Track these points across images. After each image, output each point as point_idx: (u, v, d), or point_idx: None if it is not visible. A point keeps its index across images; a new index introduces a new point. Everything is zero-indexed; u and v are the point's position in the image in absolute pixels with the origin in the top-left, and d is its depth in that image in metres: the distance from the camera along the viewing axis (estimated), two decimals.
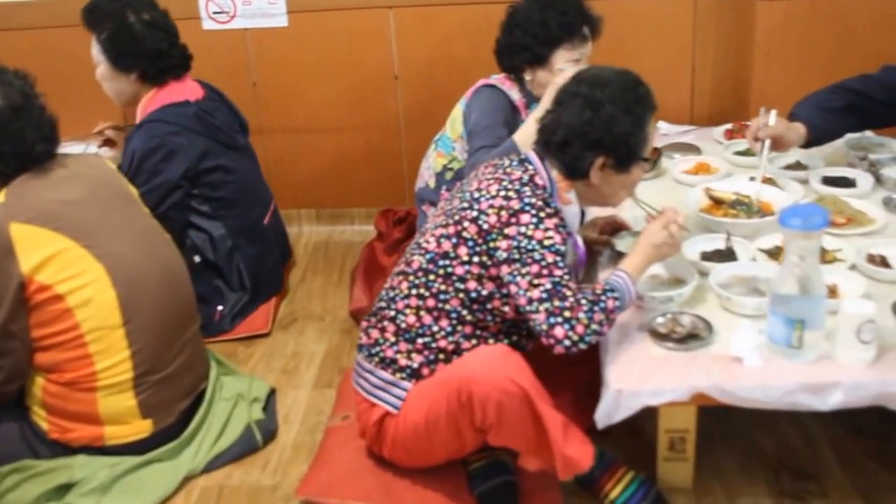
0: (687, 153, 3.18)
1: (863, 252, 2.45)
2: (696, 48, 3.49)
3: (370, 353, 2.33)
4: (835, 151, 3.07)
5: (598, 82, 2.23)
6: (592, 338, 2.09)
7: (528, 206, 2.16)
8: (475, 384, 2.10)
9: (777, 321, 2.08)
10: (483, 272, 2.21)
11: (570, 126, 2.21)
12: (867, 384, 2.04)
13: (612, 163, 2.24)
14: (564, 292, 2.10)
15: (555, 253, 2.13)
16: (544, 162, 2.28)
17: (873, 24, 3.32)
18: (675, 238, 2.27)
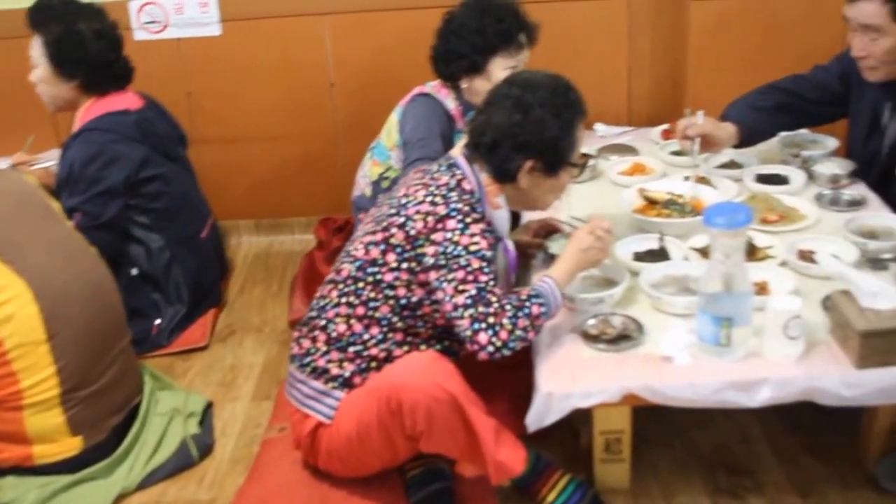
0: (624, 154, 3.19)
1: (794, 248, 2.47)
2: (631, 50, 3.50)
3: (302, 363, 2.30)
4: (769, 149, 3.10)
5: (528, 85, 2.23)
6: (517, 343, 2.09)
7: (454, 212, 2.15)
8: (404, 391, 2.09)
9: (705, 320, 2.08)
10: (412, 278, 2.19)
11: (500, 128, 2.21)
12: (795, 380, 2.05)
13: (540, 166, 2.24)
14: (489, 298, 2.10)
15: (480, 258, 2.12)
16: (473, 166, 2.27)
17: (805, 23, 3.35)
18: (602, 243, 2.28)
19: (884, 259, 2.41)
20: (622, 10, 3.44)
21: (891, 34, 2.58)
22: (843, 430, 2.47)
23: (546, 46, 3.36)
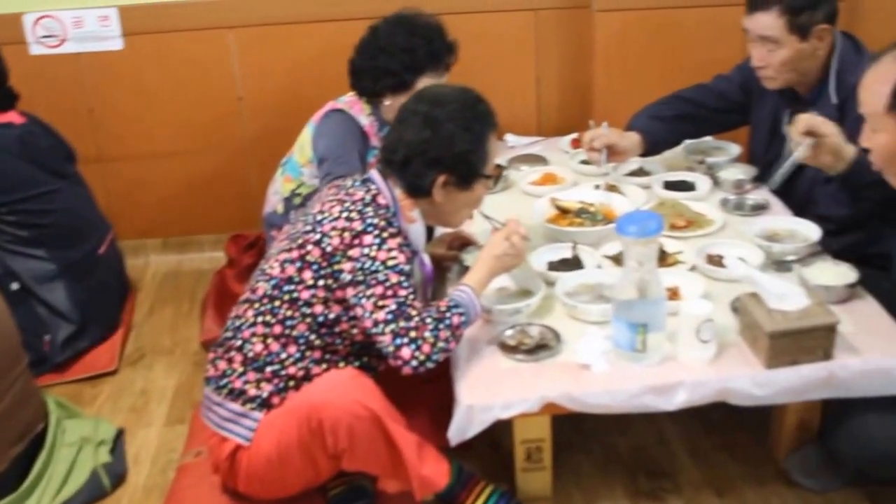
0: (535, 164, 3.21)
1: (702, 253, 2.52)
2: (539, 61, 3.54)
3: (218, 385, 2.26)
4: (674, 156, 3.16)
5: (437, 100, 2.24)
6: (440, 355, 2.10)
7: (370, 227, 2.14)
8: (324, 410, 2.07)
9: (620, 327, 2.11)
10: (329, 295, 2.18)
11: (410, 144, 2.21)
12: (709, 382, 2.10)
13: (453, 180, 2.25)
14: (409, 312, 2.10)
15: (399, 273, 2.12)
16: (387, 181, 2.27)
17: (707, 33, 3.43)
18: (516, 249, 2.29)
19: (788, 261, 2.49)
20: (529, 23, 3.47)
21: (787, 45, 2.65)
22: (754, 428, 2.54)
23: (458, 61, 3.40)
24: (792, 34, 2.63)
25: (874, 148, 2.16)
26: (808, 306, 2.12)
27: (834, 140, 2.47)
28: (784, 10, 2.61)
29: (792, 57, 2.67)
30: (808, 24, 2.62)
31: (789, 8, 2.61)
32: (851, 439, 2.24)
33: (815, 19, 2.62)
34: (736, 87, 3.00)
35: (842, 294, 2.33)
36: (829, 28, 2.65)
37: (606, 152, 2.85)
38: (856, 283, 2.34)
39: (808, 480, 2.39)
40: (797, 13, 2.61)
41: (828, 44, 2.68)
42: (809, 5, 2.61)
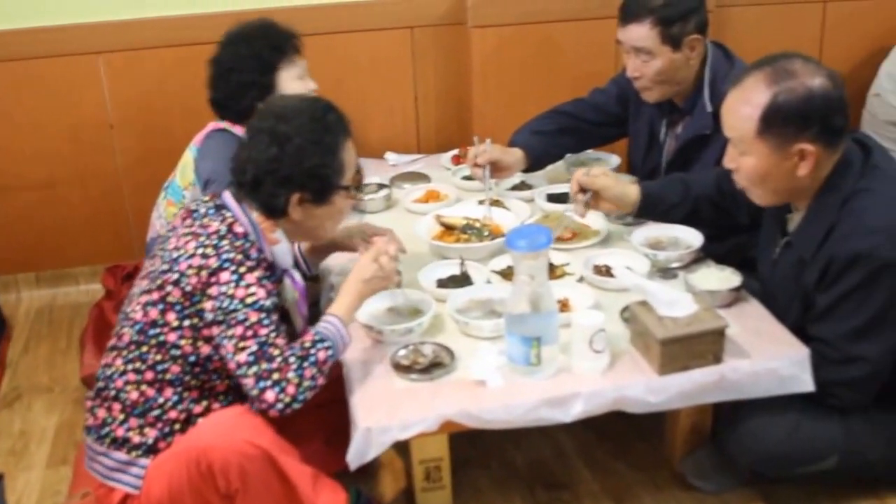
0: (417, 182, 3.20)
1: (589, 264, 2.55)
2: (416, 78, 3.53)
3: (100, 434, 2.14)
4: (556, 169, 3.19)
5: (283, 115, 2.14)
6: (307, 394, 2.02)
7: (226, 263, 2.04)
8: (213, 452, 1.97)
9: (514, 341, 2.11)
10: (196, 335, 2.08)
11: (259, 164, 2.12)
12: (604, 391, 2.11)
13: (309, 197, 2.15)
14: (271, 353, 2.01)
15: (258, 310, 2.03)
16: (242, 205, 2.17)
17: (582, 47, 3.49)
18: (385, 270, 2.23)
19: (673, 268, 2.53)
20: (406, 40, 3.47)
21: (660, 56, 2.71)
22: (648, 435, 2.58)
23: (334, 78, 3.38)
24: (665, 45, 2.69)
25: (740, 170, 2.23)
26: (696, 312, 2.16)
27: (612, 192, 2.58)
28: (656, 22, 2.67)
29: (666, 67, 2.73)
30: (680, 34, 2.69)
31: (661, 19, 2.67)
32: (743, 440, 2.29)
33: (686, 30, 2.69)
34: (613, 100, 3.05)
35: (727, 298, 2.38)
36: (700, 38, 2.72)
37: (490, 168, 2.86)
38: (740, 287, 2.40)
39: (704, 482, 2.43)
40: (669, 24, 2.67)
41: (699, 53, 2.75)
42: (680, 16, 2.68)
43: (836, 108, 2.11)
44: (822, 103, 2.10)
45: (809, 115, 2.10)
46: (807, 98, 2.09)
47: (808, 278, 2.22)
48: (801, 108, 2.09)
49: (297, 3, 3.34)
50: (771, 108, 2.10)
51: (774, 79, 2.12)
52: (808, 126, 2.10)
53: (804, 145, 2.11)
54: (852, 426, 2.29)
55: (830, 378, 2.20)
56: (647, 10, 2.68)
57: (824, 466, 2.29)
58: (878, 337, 2.17)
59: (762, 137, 2.13)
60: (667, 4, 2.67)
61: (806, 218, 2.25)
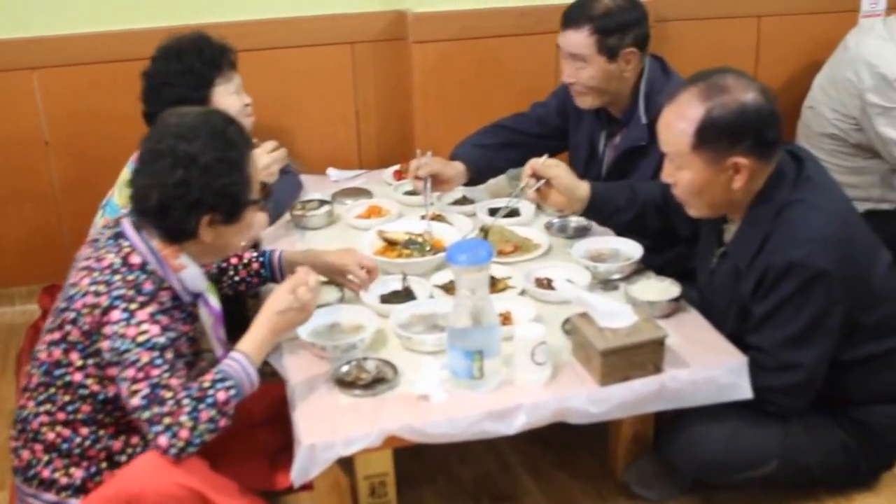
0: (359, 197, 3.19)
1: (531, 277, 2.56)
2: (357, 94, 3.53)
3: (26, 476, 2.10)
4: (498, 183, 3.21)
5: (182, 134, 2.01)
6: (205, 437, 1.93)
7: (117, 301, 1.96)
8: (143, 498, 1.90)
9: (456, 355, 2.11)
10: (101, 373, 2.02)
11: (164, 189, 1.99)
12: (546, 403, 2.12)
13: (220, 218, 2.06)
14: (163, 395, 1.91)
15: (150, 349, 1.94)
16: (142, 233, 2.07)
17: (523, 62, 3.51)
18: (302, 302, 2.11)
19: (613, 280, 2.56)
20: (346, 56, 3.46)
21: (594, 64, 2.76)
22: (592, 445, 2.60)
23: (274, 94, 3.37)
24: (600, 54, 2.74)
25: (678, 184, 2.27)
26: (636, 323, 2.18)
27: (563, 181, 2.61)
28: (594, 31, 2.72)
29: (599, 76, 2.77)
30: (617, 46, 2.73)
31: (599, 29, 2.72)
32: (684, 447, 2.32)
33: (624, 42, 2.73)
34: (553, 113, 3.08)
35: (666, 308, 2.41)
36: (636, 52, 2.76)
37: (430, 181, 2.86)
38: (679, 297, 2.43)
39: (647, 491, 2.46)
40: (607, 35, 2.72)
41: (635, 67, 2.79)
42: (619, 28, 2.73)
43: (768, 122, 2.16)
44: (754, 117, 2.14)
45: (742, 129, 2.14)
46: (739, 112, 2.13)
47: (744, 288, 2.26)
48: (734, 122, 2.13)
49: (237, 18, 3.32)
50: (705, 123, 2.14)
51: (708, 94, 2.15)
52: (742, 140, 2.14)
53: (738, 159, 2.15)
54: (790, 432, 2.33)
55: (768, 385, 2.24)
56: (587, 18, 2.73)
57: (763, 472, 2.33)
58: (812, 344, 2.22)
59: (697, 152, 2.17)
60: (606, 15, 2.72)
61: (741, 229, 2.29)
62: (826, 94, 3.58)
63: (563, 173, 2.62)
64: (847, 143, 3.52)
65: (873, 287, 2.26)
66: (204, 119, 2.07)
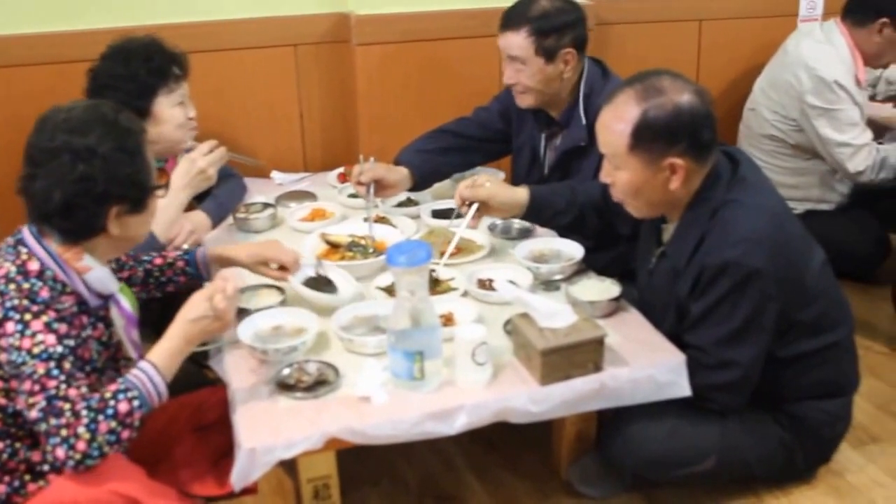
0: (303, 201, 3.18)
1: (473, 278, 2.57)
2: (301, 96, 3.52)
3: None
4: (442, 185, 3.22)
5: (75, 128, 1.95)
6: (104, 449, 1.86)
7: (10, 312, 1.89)
8: None
9: (397, 356, 2.12)
10: (7, 386, 1.96)
11: (66, 187, 1.92)
12: (487, 403, 2.12)
13: (127, 208, 2.01)
14: (60, 407, 1.85)
15: (46, 360, 1.87)
16: (42, 238, 2.00)
17: (467, 64, 3.52)
18: (218, 311, 2.05)
19: (555, 280, 2.58)
20: (290, 58, 3.45)
21: (532, 66, 2.80)
22: (536, 444, 2.62)
23: (218, 96, 3.34)
24: (538, 56, 2.77)
25: (616, 184, 2.30)
26: (576, 322, 2.20)
27: (498, 199, 2.66)
28: (532, 32, 2.76)
29: (538, 77, 2.81)
30: (555, 47, 2.77)
31: (537, 30, 2.76)
32: (624, 445, 2.35)
33: (561, 43, 2.77)
34: (496, 116, 3.10)
35: (606, 308, 2.43)
36: (574, 53, 2.79)
37: (374, 186, 2.87)
38: (619, 297, 2.45)
39: (590, 489, 2.48)
40: (544, 36, 2.75)
41: (573, 68, 2.82)
42: (556, 30, 2.76)
43: (703, 124, 2.19)
44: (689, 119, 2.17)
45: (678, 131, 2.17)
46: (675, 114, 2.16)
47: (682, 287, 2.29)
48: (669, 123, 2.16)
49: (179, 20, 3.28)
50: (641, 124, 2.17)
51: (644, 96, 2.18)
52: (678, 141, 2.17)
53: (674, 159, 2.19)
54: (728, 428, 2.36)
55: (706, 383, 2.27)
56: (525, 19, 2.77)
57: (703, 468, 2.37)
58: (748, 342, 2.25)
59: (634, 152, 2.20)
60: (543, 17, 2.75)
61: (678, 229, 2.32)
62: (766, 97, 3.64)
63: (497, 190, 2.65)
64: (787, 145, 3.59)
65: (807, 285, 2.31)
66: (93, 111, 2.01)
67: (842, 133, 3.41)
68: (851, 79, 3.45)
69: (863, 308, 3.51)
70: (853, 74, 3.46)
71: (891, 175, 3.46)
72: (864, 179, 3.47)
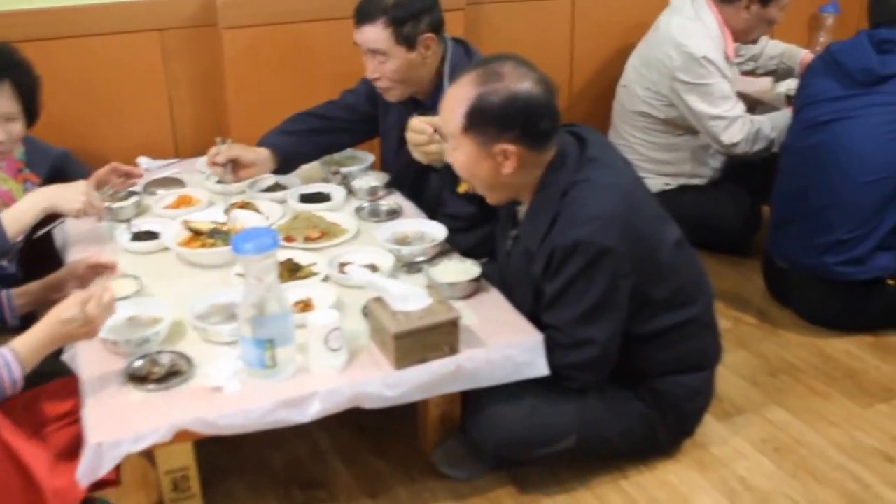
0: (171, 187, 3.12)
1: (335, 262, 2.56)
2: (169, 81, 3.43)
3: None
4: (311, 168, 3.20)
5: None
6: None
7: None
8: None
9: (248, 345, 2.09)
10: None
11: None
12: (341, 389, 2.12)
13: None
14: None
15: None
16: None
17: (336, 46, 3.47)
18: (88, 317, 2.03)
19: (417, 262, 2.58)
20: (155, 43, 3.36)
21: (395, 56, 2.78)
22: (403, 428, 2.61)
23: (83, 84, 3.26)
24: (399, 45, 2.75)
25: (454, 162, 2.31)
26: (430, 305, 2.20)
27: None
28: (388, 22, 2.73)
29: (402, 67, 2.79)
30: (414, 34, 2.75)
31: (393, 19, 2.73)
32: (484, 426, 2.36)
33: (419, 29, 2.75)
34: (363, 99, 3.08)
35: (467, 289, 2.44)
36: (434, 37, 2.78)
37: (231, 167, 2.85)
38: (479, 277, 2.46)
39: (455, 470, 2.49)
40: (401, 24, 2.73)
41: (435, 52, 2.82)
42: (412, 16, 2.74)
43: (540, 113, 2.19)
44: (524, 107, 2.17)
45: (511, 117, 2.17)
46: (509, 101, 2.16)
47: (536, 268, 2.30)
48: (501, 109, 2.17)
49: (38, 4, 3.18)
50: (474, 107, 2.18)
51: (482, 80, 2.19)
52: (509, 128, 2.18)
53: (506, 146, 2.19)
54: (588, 406, 2.39)
55: (564, 362, 2.29)
56: (380, 10, 2.73)
57: (563, 447, 2.39)
58: (603, 319, 2.27)
59: (467, 134, 2.21)
60: (397, 5, 2.73)
61: (529, 211, 2.33)
62: (639, 74, 3.69)
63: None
64: (658, 120, 3.64)
65: (661, 262, 2.33)
66: None
67: (715, 107, 3.47)
68: (721, 54, 3.51)
69: (734, 281, 3.60)
70: (722, 50, 3.52)
71: (765, 146, 3.54)
72: (740, 151, 3.54)
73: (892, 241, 3.03)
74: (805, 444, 2.66)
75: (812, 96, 3.19)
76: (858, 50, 3.07)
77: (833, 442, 2.67)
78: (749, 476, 2.53)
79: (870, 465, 2.58)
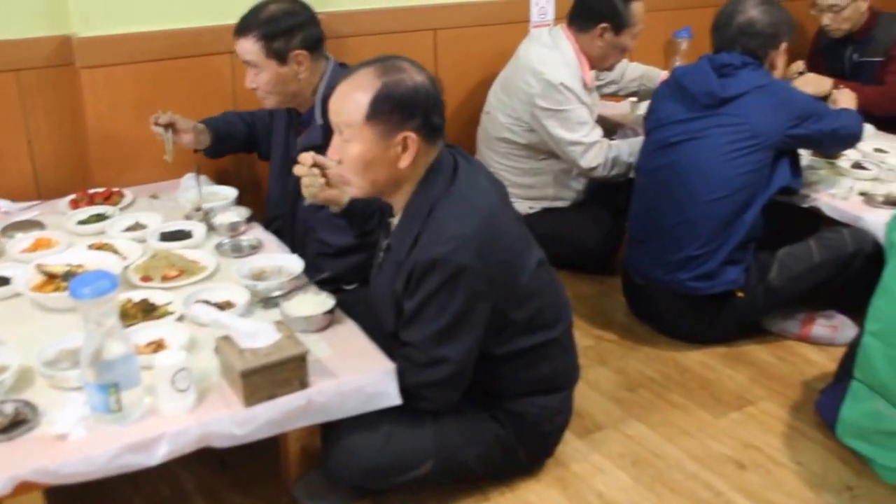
0: (30, 230, 3.07)
1: (191, 301, 2.55)
2: (28, 123, 3.38)
3: None
4: (175, 206, 3.19)
5: None
6: None
7: None
8: None
9: (92, 390, 2.07)
10: None
11: None
12: (189, 429, 2.11)
13: None
14: None
15: None
16: None
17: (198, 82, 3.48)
18: None
19: (273, 297, 2.58)
20: (11, 84, 3.30)
21: (267, 69, 2.95)
22: (267, 462, 2.62)
23: None
24: (269, 59, 2.93)
25: (345, 159, 2.32)
26: (278, 340, 2.22)
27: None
28: (260, 37, 2.92)
29: (274, 80, 2.96)
30: (285, 49, 2.92)
31: (265, 34, 2.91)
32: (340, 457, 2.39)
33: (291, 45, 2.92)
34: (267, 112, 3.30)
35: (321, 322, 2.46)
36: (306, 54, 2.94)
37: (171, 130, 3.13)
38: (333, 310, 2.49)
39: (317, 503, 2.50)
40: (272, 39, 2.91)
41: (308, 69, 2.97)
42: (283, 33, 2.91)
43: (435, 106, 2.30)
44: (425, 97, 2.27)
45: (415, 106, 2.25)
46: (414, 89, 2.25)
47: (398, 284, 2.33)
48: (407, 97, 2.24)
49: None
50: (381, 94, 2.24)
51: (385, 71, 2.27)
52: (413, 116, 2.25)
53: (408, 133, 2.25)
54: (444, 431, 2.43)
55: (418, 380, 2.33)
56: (254, 25, 2.93)
57: (422, 472, 2.42)
58: (459, 339, 2.31)
59: (370, 122, 2.25)
60: (270, 21, 2.91)
61: (400, 223, 2.37)
62: (500, 101, 3.78)
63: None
64: (520, 146, 3.74)
65: (522, 284, 2.38)
66: None
67: (572, 132, 3.58)
68: (578, 81, 3.63)
69: (598, 299, 3.70)
70: (580, 77, 3.64)
71: (623, 170, 3.66)
72: (598, 175, 3.66)
73: (739, 256, 3.17)
74: (661, 457, 2.75)
75: (660, 120, 3.32)
76: (700, 74, 3.21)
77: (688, 452, 2.77)
78: (606, 490, 2.61)
79: (722, 472, 2.68)
